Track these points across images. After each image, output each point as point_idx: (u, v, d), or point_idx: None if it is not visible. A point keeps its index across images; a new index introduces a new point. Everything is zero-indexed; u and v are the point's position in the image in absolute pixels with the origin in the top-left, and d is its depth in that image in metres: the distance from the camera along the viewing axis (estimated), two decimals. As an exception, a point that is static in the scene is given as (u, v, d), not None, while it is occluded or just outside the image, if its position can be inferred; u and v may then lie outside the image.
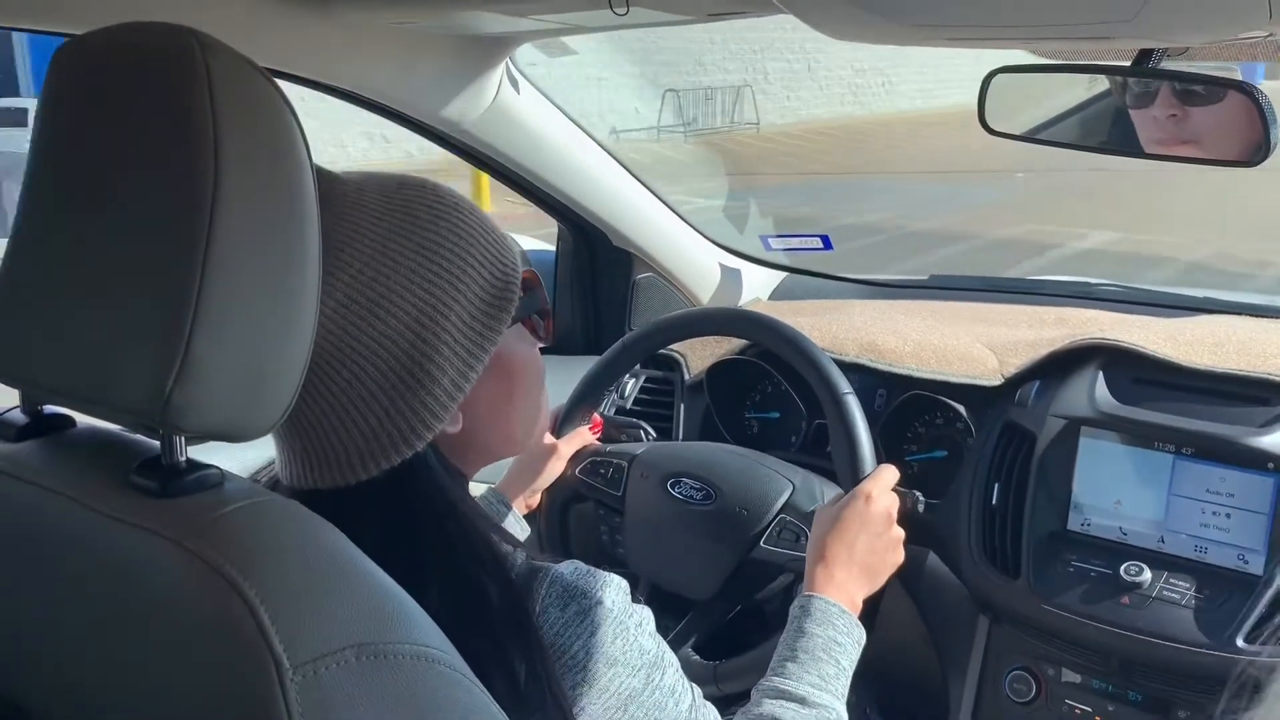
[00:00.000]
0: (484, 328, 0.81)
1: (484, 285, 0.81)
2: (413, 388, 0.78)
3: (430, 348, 0.78)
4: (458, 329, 0.79)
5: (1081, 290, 1.86)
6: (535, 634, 0.76)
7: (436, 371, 0.79)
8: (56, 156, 0.65)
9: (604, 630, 0.77)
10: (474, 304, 0.81)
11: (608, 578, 0.81)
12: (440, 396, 0.79)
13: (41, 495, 0.65)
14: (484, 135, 1.58)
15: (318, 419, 0.78)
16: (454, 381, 0.80)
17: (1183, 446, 1.30)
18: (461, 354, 0.80)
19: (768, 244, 2.00)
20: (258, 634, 0.53)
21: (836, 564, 1.09)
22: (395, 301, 0.77)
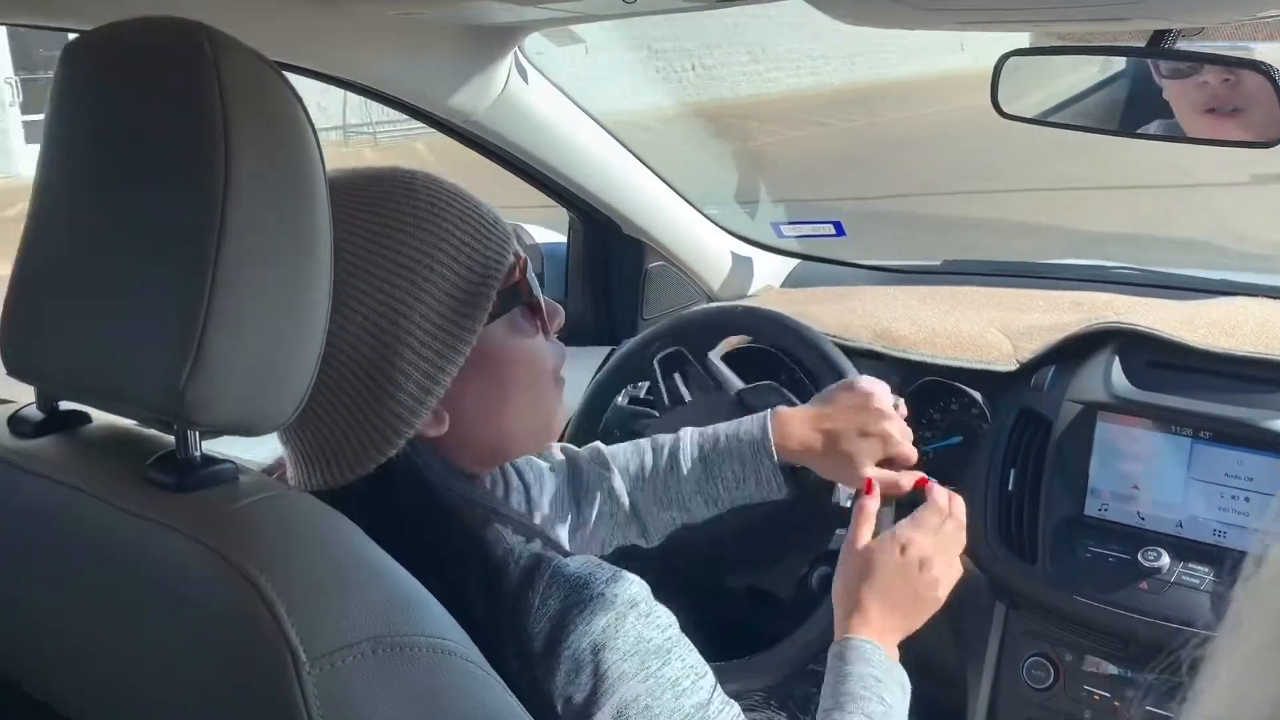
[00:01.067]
0: (454, 326, 0.77)
1: (455, 280, 0.78)
2: (376, 393, 0.76)
3: (393, 350, 0.75)
4: (422, 329, 0.76)
5: (1097, 274, 1.85)
6: (525, 632, 0.74)
7: (400, 375, 0.76)
8: (68, 152, 0.65)
9: (600, 618, 0.74)
10: (443, 300, 0.77)
11: (617, 571, 0.78)
12: (406, 400, 0.76)
13: (58, 490, 0.65)
14: (493, 125, 1.57)
15: (297, 423, 0.75)
16: (421, 385, 0.76)
17: (1201, 430, 1.29)
18: (429, 355, 0.77)
19: (779, 231, 1.99)
20: (275, 627, 0.53)
21: (871, 614, 1.01)
22: (353, 303, 0.75)
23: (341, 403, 0.76)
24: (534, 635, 0.74)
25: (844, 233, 1.89)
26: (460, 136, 1.60)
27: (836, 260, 2.02)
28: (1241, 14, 0.86)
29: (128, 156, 0.62)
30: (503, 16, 1.29)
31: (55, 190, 0.66)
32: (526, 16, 1.26)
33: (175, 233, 0.59)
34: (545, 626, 0.74)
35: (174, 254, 0.59)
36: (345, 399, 0.76)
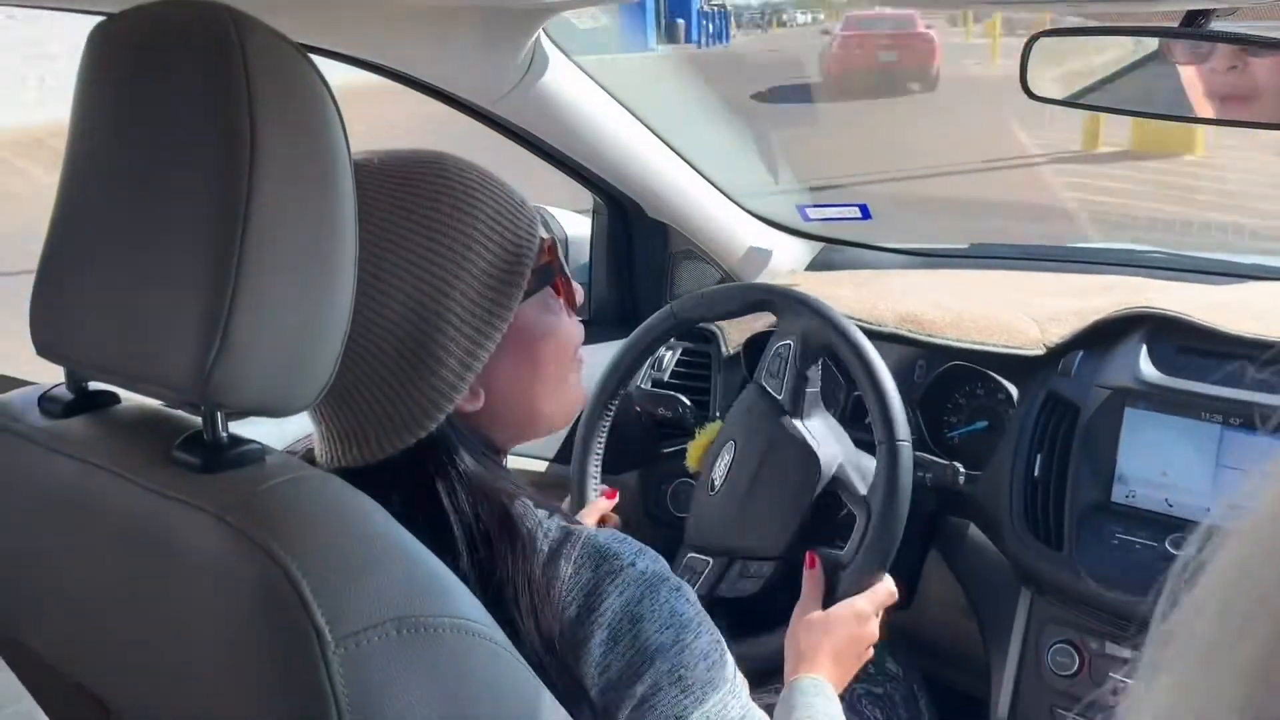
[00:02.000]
0: (493, 303, 0.80)
1: (491, 259, 0.80)
2: (419, 368, 0.78)
3: (434, 327, 0.77)
4: (463, 306, 0.78)
5: (1125, 258, 1.83)
6: (558, 601, 0.76)
7: (442, 351, 0.78)
8: (95, 135, 0.66)
9: (634, 589, 0.76)
10: (481, 279, 0.79)
11: (642, 547, 0.80)
12: (448, 376, 0.78)
13: (87, 470, 0.66)
14: (517, 108, 1.57)
15: (334, 400, 0.78)
16: (462, 360, 0.79)
17: (1231, 417, 1.28)
18: (469, 331, 0.79)
19: (805, 214, 1.98)
20: (300, 607, 0.54)
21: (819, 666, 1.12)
22: (397, 281, 0.77)
23: (384, 378, 0.78)
24: (568, 603, 0.76)
25: (870, 215, 1.88)
26: (485, 120, 1.60)
27: (862, 243, 2.01)
28: (1277, -7, 0.84)
29: (154, 139, 0.62)
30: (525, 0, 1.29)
31: (83, 173, 0.66)
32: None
33: (201, 215, 0.60)
34: (579, 595, 0.76)
35: (200, 236, 0.60)
36: (388, 374, 0.78)
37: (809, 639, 1.15)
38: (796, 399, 1.35)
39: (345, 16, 1.28)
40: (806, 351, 1.35)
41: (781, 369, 1.37)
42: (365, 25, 1.31)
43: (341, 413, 0.80)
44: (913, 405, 1.53)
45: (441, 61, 1.45)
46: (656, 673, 0.76)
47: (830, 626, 1.16)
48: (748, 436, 1.38)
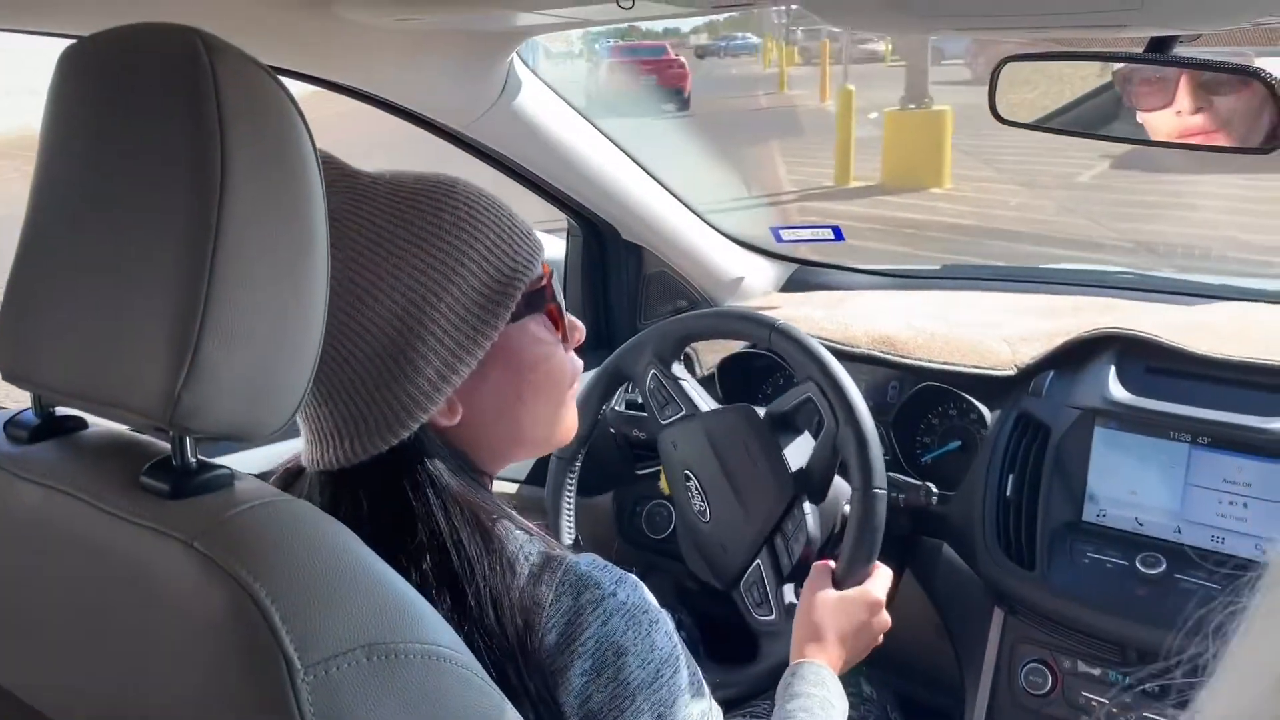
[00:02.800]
0: (478, 320, 0.81)
1: (483, 278, 0.81)
2: (395, 374, 0.78)
3: (416, 335, 0.78)
4: (447, 319, 0.79)
5: (1095, 279, 1.85)
6: (538, 627, 0.76)
7: (420, 361, 0.78)
8: (64, 158, 0.65)
9: (616, 620, 0.76)
10: (469, 295, 0.80)
11: (624, 574, 0.80)
12: (424, 385, 0.79)
13: (53, 497, 0.65)
14: (491, 131, 1.57)
15: (316, 400, 0.80)
16: (439, 372, 0.79)
17: (1199, 436, 1.29)
18: (450, 344, 0.79)
19: (778, 236, 1.99)
20: (269, 634, 0.53)
21: (829, 648, 1.13)
22: (385, 288, 0.78)
23: (363, 381, 0.78)
24: (547, 629, 0.76)
25: (842, 237, 1.89)
26: (458, 142, 1.60)
27: (835, 265, 2.02)
28: (1239, 21, 0.86)
29: (124, 162, 0.62)
30: (500, 23, 1.29)
31: (51, 196, 0.66)
32: (523, 23, 1.26)
33: (171, 239, 0.59)
34: (559, 622, 0.76)
35: (170, 260, 0.59)
36: (367, 377, 0.78)
37: (819, 621, 1.14)
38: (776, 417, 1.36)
39: (316, 39, 1.27)
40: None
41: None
42: (336, 48, 1.31)
43: (322, 413, 0.80)
44: (886, 426, 1.54)
45: (414, 84, 1.45)
46: (637, 711, 0.76)
47: (844, 609, 1.16)
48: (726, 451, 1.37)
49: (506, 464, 0.90)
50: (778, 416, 1.35)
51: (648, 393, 1.42)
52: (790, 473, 1.30)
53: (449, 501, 0.79)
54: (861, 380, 1.33)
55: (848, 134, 9.95)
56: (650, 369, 1.41)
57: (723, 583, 1.36)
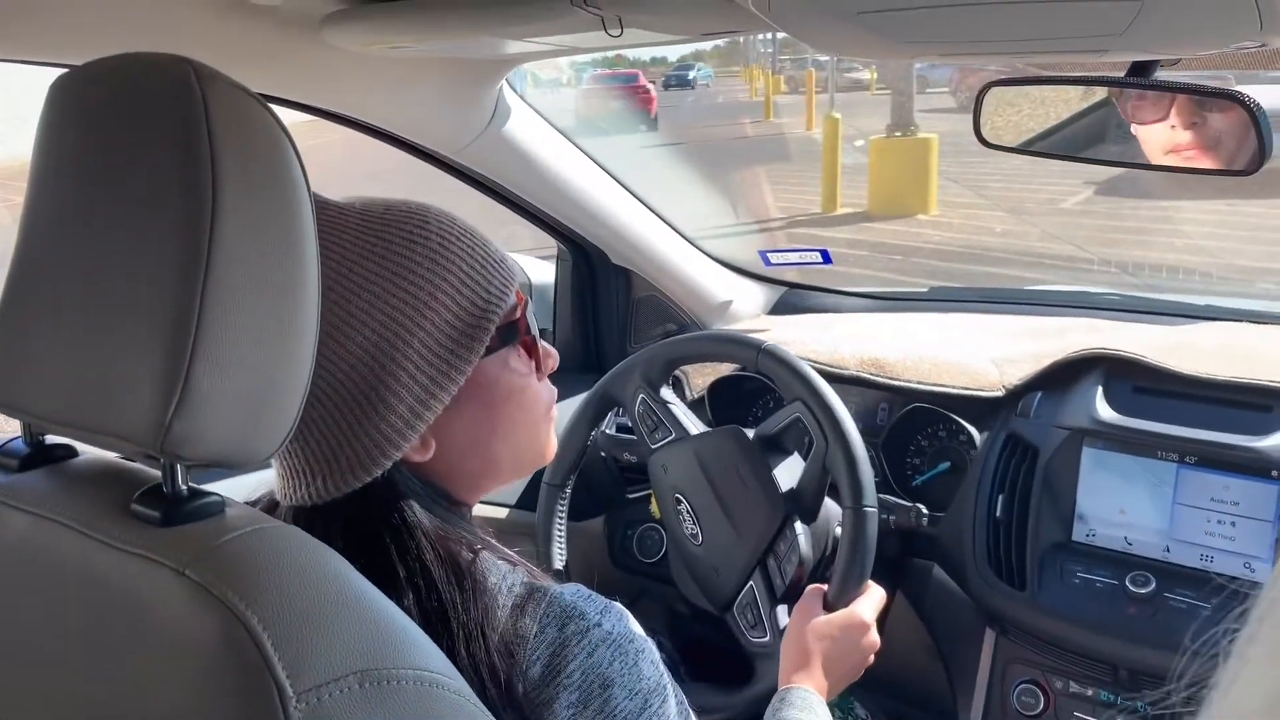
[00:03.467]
0: (451, 355, 0.79)
1: (457, 312, 0.79)
2: (369, 412, 0.77)
3: (388, 373, 0.77)
4: (420, 355, 0.78)
5: (1082, 300, 1.86)
6: (522, 660, 0.75)
7: (393, 398, 0.77)
8: (55, 187, 0.66)
9: (602, 651, 0.75)
10: (442, 330, 0.79)
11: (609, 603, 0.79)
12: (396, 423, 0.78)
13: (43, 525, 0.65)
14: (481, 157, 1.58)
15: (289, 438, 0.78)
16: (412, 409, 0.78)
17: (1186, 455, 1.30)
18: (423, 380, 0.78)
19: (767, 259, 2.00)
20: (260, 661, 0.53)
21: (818, 672, 1.13)
22: (356, 325, 0.76)
23: (335, 419, 0.77)
24: (531, 662, 0.75)
25: (830, 260, 1.90)
26: (448, 169, 1.61)
27: (824, 288, 2.03)
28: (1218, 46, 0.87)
29: (115, 191, 0.62)
30: (489, 51, 1.30)
31: (42, 224, 0.66)
32: (512, 50, 1.27)
33: (162, 267, 0.59)
34: (543, 654, 0.75)
35: (161, 288, 0.59)
36: (339, 415, 0.77)
37: (808, 646, 1.14)
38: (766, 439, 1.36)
39: (307, 67, 1.28)
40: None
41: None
42: (327, 76, 1.31)
43: (294, 449, 0.79)
44: (876, 448, 1.54)
45: (405, 112, 1.46)
46: None
47: (834, 634, 1.15)
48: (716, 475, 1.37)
49: (484, 494, 0.89)
50: (767, 438, 1.35)
51: (637, 417, 1.42)
52: (781, 493, 1.31)
53: (422, 541, 0.78)
54: (851, 403, 1.34)
55: (834, 161, 10.03)
56: (639, 393, 1.42)
57: (716, 606, 1.35)
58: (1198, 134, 1.10)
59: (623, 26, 1.05)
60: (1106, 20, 0.76)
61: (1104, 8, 0.73)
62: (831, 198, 9.90)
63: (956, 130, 10.47)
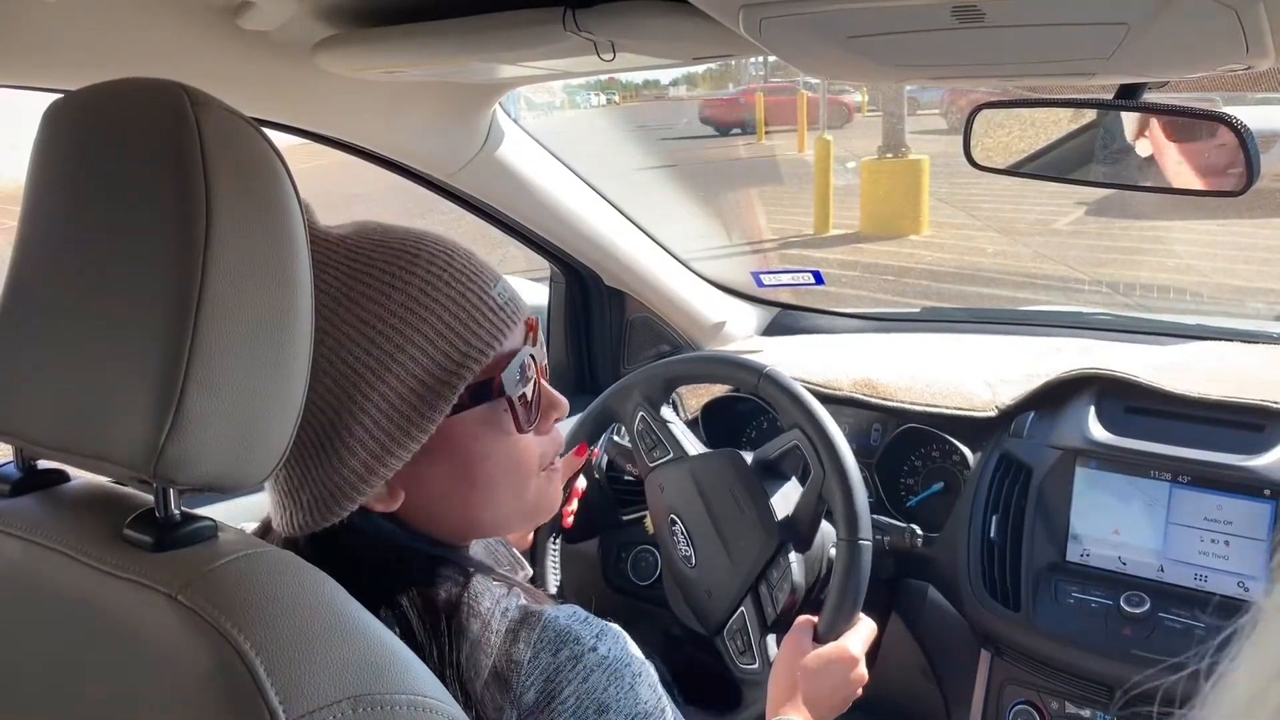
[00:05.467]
0: (413, 412, 0.75)
1: (425, 367, 0.75)
2: (324, 458, 0.75)
3: (344, 425, 0.75)
4: (379, 409, 0.75)
5: (1075, 320, 1.87)
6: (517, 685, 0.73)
7: (346, 451, 0.75)
8: (49, 211, 0.66)
9: (597, 676, 0.74)
10: (407, 384, 0.75)
11: (605, 625, 0.78)
12: (350, 476, 0.75)
13: (35, 551, 0.64)
14: (474, 180, 1.58)
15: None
16: (366, 464, 0.75)
17: (1179, 475, 1.30)
18: (379, 435, 0.75)
19: (759, 280, 2.01)
20: (254, 687, 0.53)
21: (803, 708, 1.12)
22: (322, 366, 0.74)
23: (298, 458, 0.76)
24: (525, 688, 0.73)
25: (823, 281, 1.90)
26: (442, 192, 1.61)
27: (816, 309, 2.04)
28: (1205, 69, 0.88)
29: (109, 215, 0.62)
30: (482, 76, 1.31)
31: (36, 249, 0.66)
32: (506, 75, 1.28)
33: (156, 291, 0.60)
34: (538, 680, 0.74)
35: (154, 312, 0.59)
36: (303, 454, 0.76)
37: (796, 679, 1.14)
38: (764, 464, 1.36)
39: (300, 92, 1.29)
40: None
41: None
42: (320, 100, 1.32)
43: (276, 484, 0.79)
44: (870, 468, 1.54)
45: (398, 136, 1.46)
46: None
47: (821, 669, 1.15)
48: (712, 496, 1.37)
49: (474, 539, 0.87)
50: (765, 463, 1.35)
51: (636, 434, 1.42)
52: (776, 521, 1.30)
53: (396, 585, 0.76)
54: (845, 423, 1.34)
55: (826, 182, 10.08)
56: (639, 411, 1.42)
57: (707, 629, 1.35)
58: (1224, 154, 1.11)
59: (615, 51, 1.06)
60: (1094, 44, 0.77)
61: (1092, 32, 0.74)
62: (824, 219, 9.95)
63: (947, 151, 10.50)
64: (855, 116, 16.00)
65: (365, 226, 0.81)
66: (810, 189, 10.36)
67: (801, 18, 0.76)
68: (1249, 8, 0.65)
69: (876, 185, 10.06)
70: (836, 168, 10.28)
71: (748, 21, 0.77)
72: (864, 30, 0.78)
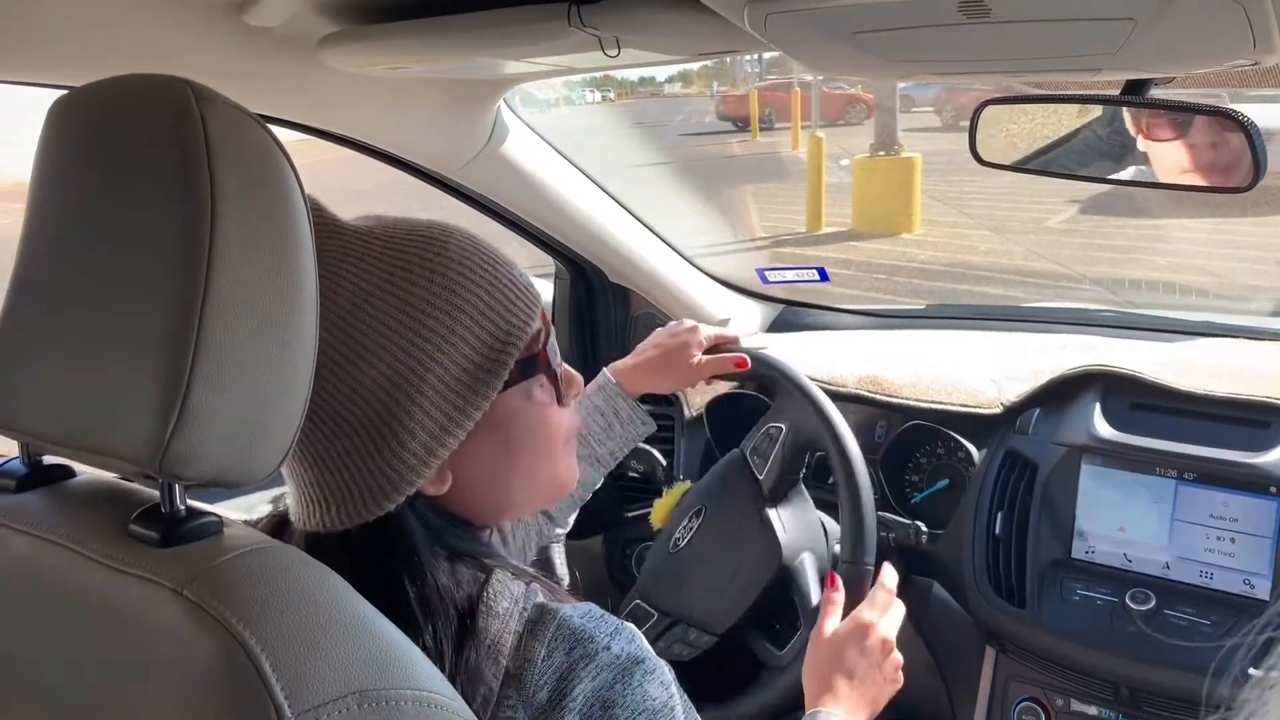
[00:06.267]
0: (469, 390, 0.78)
1: (476, 345, 0.78)
2: (381, 446, 0.76)
3: (403, 408, 0.76)
4: (436, 390, 0.76)
5: (1080, 316, 1.87)
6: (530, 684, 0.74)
7: (406, 435, 0.76)
8: (55, 207, 0.66)
9: (607, 674, 0.74)
10: (461, 364, 0.77)
11: (619, 624, 0.78)
12: (410, 460, 0.76)
13: (41, 546, 0.64)
14: (479, 176, 1.58)
15: (304, 461, 0.78)
16: (426, 445, 0.77)
17: (1185, 471, 1.30)
18: (439, 416, 0.77)
19: (764, 277, 2.00)
20: (259, 682, 0.53)
21: (841, 694, 1.09)
22: (371, 358, 0.75)
23: (349, 449, 0.76)
24: (539, 686, 0.74)
25: (827, 278, 1.90)
26: (446, 188, 1.61)
27: (821, 305, 2.04)
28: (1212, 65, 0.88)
29: (114, 211, 0.62)
30: (487, 72, 1.31)
31: (41, 245, 0.66)
32: (510, 71, 1.28)
33: (161, 287, 0.60)
34: (551, 679, 0.74)
35: (160, 308, 0.59)
36: (353, 447, 0.76)
37: (821, 664, 1.13)
38: (778, 488, 1.36)
39: (305, 88, 1.29)
40: (798, 443, 1.35)
41: (769, 450, 1.37)
42: (325, 96, 1.32)
43: (308, 477, 0.78)
44: (874, 465, 1.54)
45: (403, 131, 1.46)
46: None
47: (837, 647, 1.13)
48: (719, 508, 1.38)
49: (500, 521, 0.89)
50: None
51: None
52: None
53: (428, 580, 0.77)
54: (849, 420, 1.34)
55: (819, 180, 10.02)
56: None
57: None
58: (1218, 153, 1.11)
59: (620, 47, 1.06)
60: (1100, 40, 0.76)
61: (1098, 27, 0.74)
62: (816, 217, 9.91)
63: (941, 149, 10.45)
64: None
65: (384, 219, 0.82)
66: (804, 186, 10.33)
67: (807, 13, 0.76)
68: (1256, 3, 0.65)
69: (869, 183, 10.01)
70: (830, 165, 10.23)
71: (753, 17, 0.77)
72: (869, 26, 0.78)
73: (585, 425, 1.22)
